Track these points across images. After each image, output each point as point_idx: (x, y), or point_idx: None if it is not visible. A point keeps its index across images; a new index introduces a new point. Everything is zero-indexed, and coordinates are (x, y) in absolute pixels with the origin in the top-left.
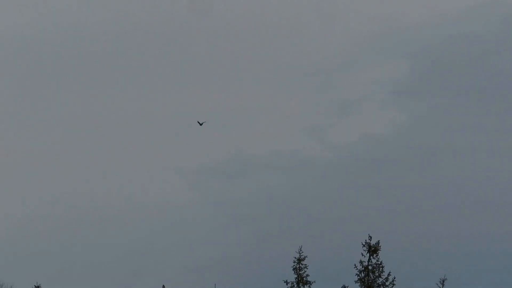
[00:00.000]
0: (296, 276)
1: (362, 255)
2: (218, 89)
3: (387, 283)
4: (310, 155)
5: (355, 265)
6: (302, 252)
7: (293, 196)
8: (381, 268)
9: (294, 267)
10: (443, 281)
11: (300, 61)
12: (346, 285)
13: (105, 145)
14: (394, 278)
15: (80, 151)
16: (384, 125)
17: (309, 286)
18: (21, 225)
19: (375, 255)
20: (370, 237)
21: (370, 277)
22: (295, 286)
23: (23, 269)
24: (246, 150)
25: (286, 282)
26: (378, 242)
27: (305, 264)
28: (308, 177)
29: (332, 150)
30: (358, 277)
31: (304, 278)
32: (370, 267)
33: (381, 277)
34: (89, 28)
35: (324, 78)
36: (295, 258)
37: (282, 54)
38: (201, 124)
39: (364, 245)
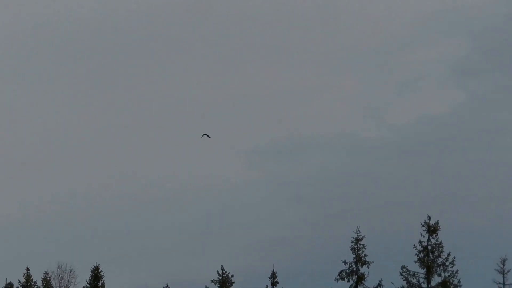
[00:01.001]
0: (354, 256)
1: (422, 235)
2: (277, 69)
3: (446, 263)
4: (368, 136)
5: (414, 245)
6: (360, 232)
7: (351, 176)
8: (440, 248)
9: (352, 247)
10: (503, 261)
11: (358, 41)
12: (405, 265)
13: (164, 126)
14: (454, 258)
15: (140, 132)
16: (443, 104)
17: (367, 266)
18: (81, 206)
19: (434, 235)
20: (429, 217)
21: (430, 257)
22: (354, 266)
23: (83, 250)
24: (304, 131)
25: (345, 262)
26: (437, 222)
27: (363, 244)
28: (366, 157)
29: (390, 130)
30: (418, 257)
31: (363, 258)
32: (429, 247)
33: (440, 257)
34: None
35: (382, 58)
36: (353, 238)
37: (339, 34)
38: (209, 137)
39: (423, 225)
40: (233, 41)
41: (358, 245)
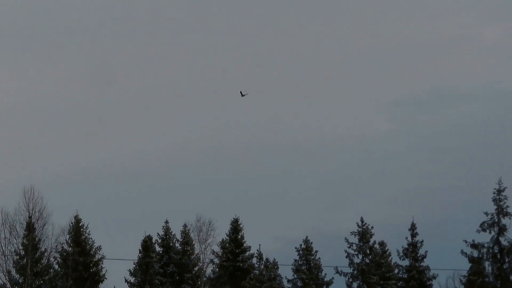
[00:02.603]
0: (496, 207)
1: None
2: (417, 20)
3: None
4: (510, 87)
5: None
6: (501, 183)
7: (492, 126)
8: None
9: (494, 198)
10: None
11: None
12: None
13: (310, 76)
14: None
15: (286, 83)
16: None
17: (509, 218)
18: (219, 157)
19: None
20: None
21: None
22: (495, 217)
23: (222, 202)
24: (445, 82)
25: (486, 214)
26: None
27: (505, 195)
28: (507, 108)
29: None
30: None
31: (505, 210)
32: None
33: None
34: None
35: None
36: (495, 189)
37: None
38: (243, 95)
39: None
40: None
41: (500, 196)
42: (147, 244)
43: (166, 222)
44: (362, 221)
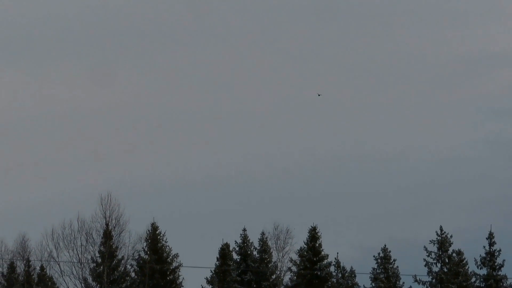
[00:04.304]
0: None
1: None
2: (499, 30)
3: None
4: None
5: None
6: None
7: None
8: None
9: None
10: None
11: None
12: None
13: (386, 85)
14: None
15: (363, 95)
16: None
17: None
18: (297, 166)
19: None
20: None
21: None
22: None
23: (299, 210)
24: None
25: None
26: None
27: None
28: None
29: None
30: None
31: None
32: None
33: None
34: None
35: None
36: None
37: None
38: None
39: None
40: None
41: None
42: (224, 252)
43: (244, 230)
44: (441, 229)
